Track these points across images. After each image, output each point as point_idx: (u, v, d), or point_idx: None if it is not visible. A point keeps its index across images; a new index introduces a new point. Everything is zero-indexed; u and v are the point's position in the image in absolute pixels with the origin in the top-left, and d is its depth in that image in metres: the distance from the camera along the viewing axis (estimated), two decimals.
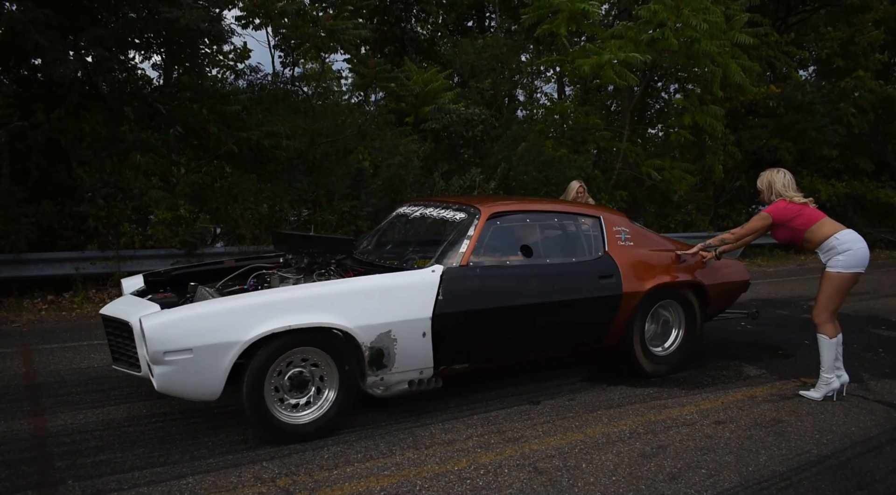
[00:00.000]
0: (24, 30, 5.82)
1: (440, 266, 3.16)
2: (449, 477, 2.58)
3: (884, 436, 3.11)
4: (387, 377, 3.00)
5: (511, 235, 3.53)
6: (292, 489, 2.45)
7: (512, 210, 3.58)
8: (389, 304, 2.98)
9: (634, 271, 3.71)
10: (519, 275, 3.36)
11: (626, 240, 3.84)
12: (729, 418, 3.30)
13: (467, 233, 3.32)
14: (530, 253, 3.50)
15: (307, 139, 8.09)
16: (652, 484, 2.56)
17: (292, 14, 7.00)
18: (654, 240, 4.06)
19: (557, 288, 3.43)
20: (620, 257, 3.71)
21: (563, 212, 3.84)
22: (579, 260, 3.64)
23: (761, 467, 2.74)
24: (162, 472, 2.57)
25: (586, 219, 3.82)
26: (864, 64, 12.51)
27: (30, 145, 6.43)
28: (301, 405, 2.86)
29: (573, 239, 3.75)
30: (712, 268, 4.08)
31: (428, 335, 3.03)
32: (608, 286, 3.59)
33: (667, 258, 3.93)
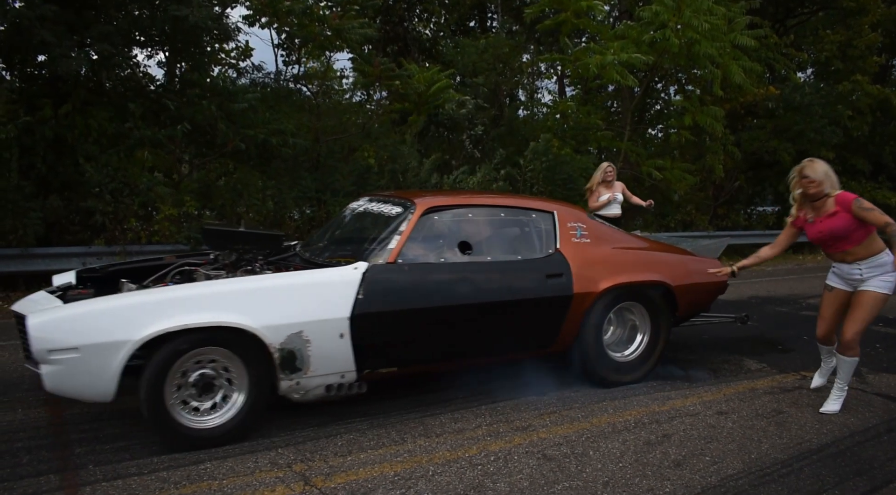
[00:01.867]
0: (30, 26, 5.86)
1: (364, 263, 2.96)
2: (461, 463, 2.65)
3: (881, 427, 3.19)
4: (303, 381, 2.81)
5: (449, 231, 3.29)
6: (308, 474, 2.52)
7: (452, 204, 3.35)
8: (301, 304, 2.79)
9: (588, 270, 3.44)
10: (452, 274, 3.14)
11: (581, 236, 3.56)
12: (731, 409, 3.38)
13: (399, 228, 3.12)
14: (470, 249, 3.26)
15: (312, 137, 8.16)
16: (658, 470, 2.64)
17: (299, 13, 7.07)
18: (617, 237, 3.82)
19: (497, 287, 3.19)
20: (573, 255, 3.45)
21: (511, 206, 3.58)
22: (525, 257, 3.39)
23: (763, 455, 2.81)
24: (180, 458, 2.64)
25: (538, 215, 3.55)
26: (861, 67, 12.61)
27: (37, 141, 6.48)
28: (207, 409, 2.71)
29: (521, 235, 3.50)
30: (681, 269, 3.81)
31: (347, 337, 2.84)
32: (556, 286, 3.33)
33: (630, 256, 3.67)
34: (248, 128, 7.05)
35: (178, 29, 6.75)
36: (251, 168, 7.71)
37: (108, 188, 6.52)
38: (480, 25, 15.55)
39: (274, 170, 7.84)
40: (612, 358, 3.65)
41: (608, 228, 3.87)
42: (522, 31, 13.51)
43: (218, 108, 6.70)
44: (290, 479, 2.47)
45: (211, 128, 7.01)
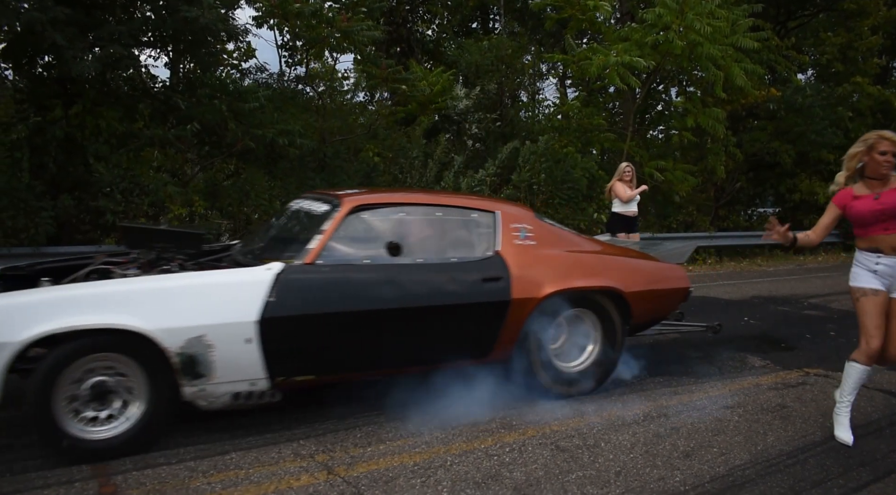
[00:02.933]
0: (42, 29, 5.95)
1: (279, 264, 2.80)
2: (477, 454, 2.74)
3: (884, 421, 3.29)
4: (209, 388, 2.65)
5: (378, 231, 3.12)
6: (330, 464, 2.61)
7: (382, 202, 3.19)
8: (204, 306, 2.63)
9: (530, 274, 3.22)
10: (377, 276, 2.94)
11: (525, 238, 3.35)
12: (736, 403, 3.47)
13: (321, 227, 2.96)
14: (399, 251, 3.06)
15: (318, 137, 8.26)
16: (668, 460, 2.73)
17: (308, 15, 7.17)
18: (568, 239, 3.60)
19: (426, 291, 2.99)
20: (514, 258, 3.24)
21: (448, 205, 3.34)
22: (460, 260, 3.18)
23: (769, 446, 2.90)
24: (206, 448, 2.72)
25: (478, 215, 3.34)
26: (862, 68, 12.73)
27: (47, 141, 6.58)
28: (103, 418, 2.55)
29: (457, 236, 3.30)
30: (636, 274, 3.60)
31: (255, 341, 2.67)
32: (493, 291, 3.12)
33: (579, 260, 3.47)
34: (257, 128, 7.15)
35: (187, 30, 6.85)
36: (258, 168, 7.81)
37: (119, 188, 6.62)
38: (483, 27, 15.66)
39: (280, 170, 7.94)
40: (560, 368, 3.40)
41: (558, 230, 3.63)
42: (525, 32, 13.61)
43: (228, 108, 6.80)
44: (314, 468, 2.56)
45: (220, 128, 7.10)
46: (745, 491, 2.47)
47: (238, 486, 2.41)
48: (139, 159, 7.25)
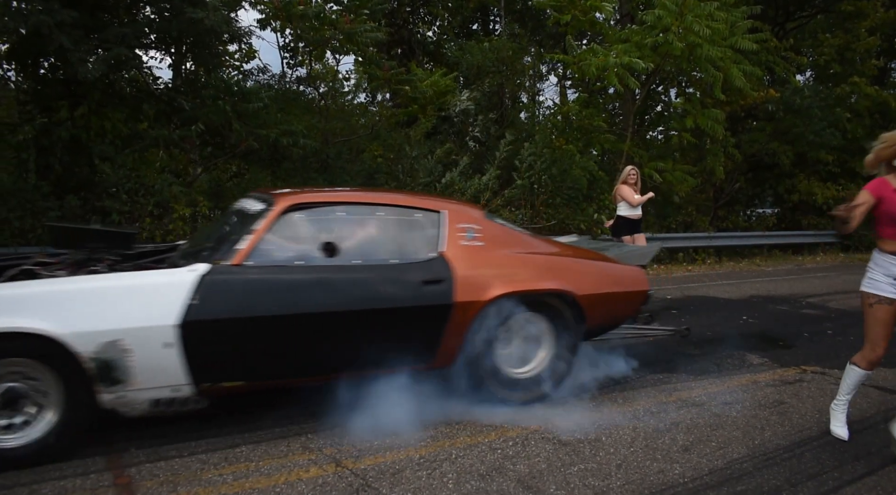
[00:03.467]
0: (49, 32, 6.02)
1: (205, 265, 2.69)
2: (481, 448, 2.81)
3: (878, 416, 3.36)
4: (129, 394, 2.57)
5: (314, 231, 2.99)
6: (338, 457, 2.68)
7: (319, 202, 3.06)
8: (119, 309, 2.53)
9: (476, 277, 3.10)
10: (309, 278, 2.83)
11: (472, 239, 3.23)
12: (735, 399, 3.54)
13: (252, 227, 2.86)
14: (334, 252, 2.95)
15: (320, 138, 8.33)
16: (667, 454, 2.80)
17: (312, 17, 7.25)
18: (520, 240, 3.46)
19: (360, 294, 2.88)
20: (459, 260, 3.12)
21: (390, 204, 3.21)
22: (400, 262, 3.06)
23: (766, 441, 2.97)
24: (216, 442, 2.79)
25: (422, 214, 3.21)
26: (860, 69, 12.82)
27: (53, 142, 6.64)
28: (15, 426, 2.46)
29: (398, 237, 3.16)
30: (591, 276, 3.47)
31: (176, 346, 2.57)
32: (434, 294, 3.00)
33: (529, 262, 3.33)
34: (261, 128, 7.22)
35: (192, 31, 6.92)
36: (261, 168, 7.89)
37: (124, 188, 6.68)
38: (483, 28, 15.74)
39: (284, 170, 8.01)
40: (508, 374, 3.26)
41: (509, 231, 3.49)
42: (525, 33, 13.69)
43: (232, 109, 6.87)
44: (322, 461, 2.63)
45: (224, 129, 7.17)
46: (742, 483, 2.54)
47: (249, 478, 2.48)
48: (144, 160, 7.32)
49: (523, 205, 9.35)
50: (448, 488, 2.44)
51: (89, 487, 2.38)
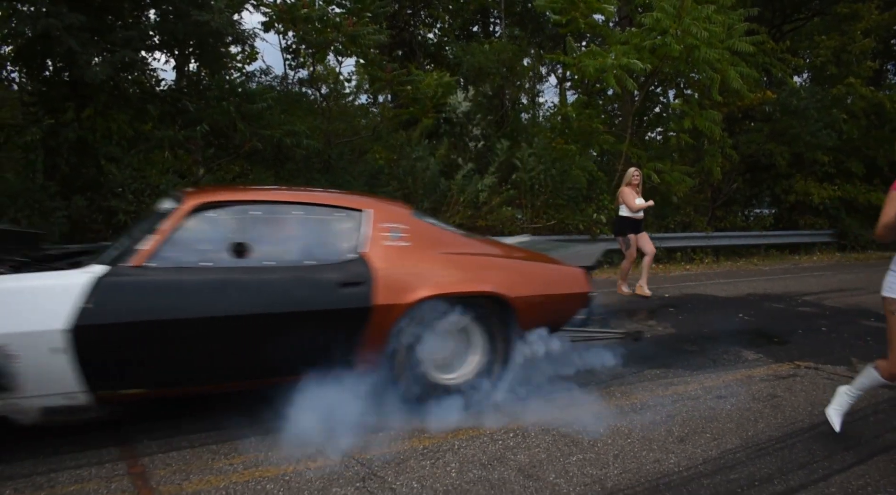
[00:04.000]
0: (59, 34, 6.11)
1: (102, 266, 2.57)
2: (483, 439, 2.90)
3: (868, 409, 3.45)
4: (20, 402, 2.46)
5: (225, 231, 2.87)
6: (345, 447, 2.76)
7: (231, 200, 2.93)
8: (6, 313, 2.41)
9: (399, 278, 2.98)
10: (215, 281, 2.70)
11: (397, 239, 3.11)
12: (729, 393, 3.63)
13: (157, 226, 2.74)
14: (245, 252, 2.83)
15: (323, 139, 8.43)
16: (663, 444, 2.89)
17: (316, 19, 7.35)
18: (450, 240, 3.34)
19: (271, 297, 2.75)
20: (381, 261, 3.00)
21: (308, 203, 3.07)
22: (316, 263, 2.93)
23: (759, 432, 3.07)
24: (226, 433, 2.88)
25: (342, 213, 3.09)
26: (856, 71, 12.93)
27: (60, 143, 6.73)
28: None
29: (315, 237, 3.04)
30: (525, 278, 3.34)
31: (65, 352, 2.44)
32: (352, 296, 2.87)
33: (459, 263, 3.20)
34: (265, 129, 7.32)
35: (197, 34, 7.01)
36: (265, 169, 7.99)
37: (130, 188, 6.78)
38: (483, 30, 15.84)
39: (287, 171, 8.11)
40: (436, 380, 3.13)
41: (439, 230, 3.36)
42: (525, 35, 13.79)
43: (236, 109, 6.97)
44: (329, 452, 2.71)
45: (228, 130, 7.27)
46: (735, 472, 2.64)
47: (258, 467, 2.57)
48: (149, 160, 7.42)
49: (523, 205, 9.44)
50: (451, 476, 2.53)
51: (105, 475, 2.47)
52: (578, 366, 3.86)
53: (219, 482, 2.44)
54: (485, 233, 8.50)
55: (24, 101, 7.67)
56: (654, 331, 5.25)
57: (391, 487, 2.43)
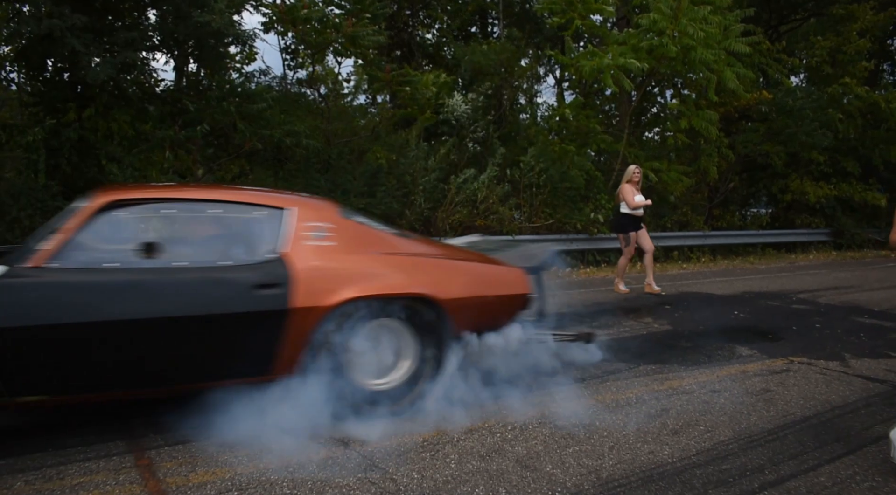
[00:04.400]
0: (62, 35, 6.17)
1: (2, 267, 2.48)
2: (481, 432, 2.97)
3: (860, 402, 3.52)
4: None
5: (134, 230, 2.78)
6: (346, 439, 2.83)
7: (143, 198, 2.83)
8: None
9: (320, 280, 2.85)
10: (121, 282, 2.58)
11: (322, 239, 2.97)
12: (723, 388, 3.70)
13: (61, 225, 2.63)
14: (156, 253, 2.71)
15: (322, 139, 8.50)
16: (657, 436, 2.96)
17: (315, 20, 7.41)
18: (380, 240, 3.21)
19: (181, 299, 2.63)
20: (302, 262, 2.86)
21: (225, 201, 2.95)
22: (232, 264, 2.81)
23: (752, 425, 3.14)
24: (234, 427, 2.94)
25: (262, 212, 2.95)
26: (851, 71, 13.03)
27: (62, 143, 6.79)
28: None
29: (232, 236, 2.94)
30: (457, 279, 3.22)
31: None
32: (267, 299, 2.75)
33: (387, 264, 3.07)
34: (265, 129, 7.39)
35: (197, 35, 7.08)
36: (265, 169, 8.05)
37: None
38: (482, 31, 15.92)
39: (287, 171, 8.18)
40: (364, 386, 2.99)
41: (368, 229, 3.24)
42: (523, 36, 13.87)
43: (237, 109, 7.04)
44: (331, 443, 2.78)
45: (228, 130, 7.34)
46: (727, 462, 2.70)
47: (262, 459, 2.63)
48: (150, 160, 7.48)
49: (521, 205, 9.51)
50: (451, 467, 2.60)
51: (112, 468, 2.53)
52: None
53: (224, 474, 2.50)
54: (483, 233, 8.57)
55: (22, 101, 7.73)
56: (650, 328, 5.33)
57: (392, 477, 2.49)
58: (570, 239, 9.60)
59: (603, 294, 7.17)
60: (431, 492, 2.39)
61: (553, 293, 4.34)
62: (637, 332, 5.15)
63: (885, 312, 6.27)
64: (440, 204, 8.57)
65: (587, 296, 7.03)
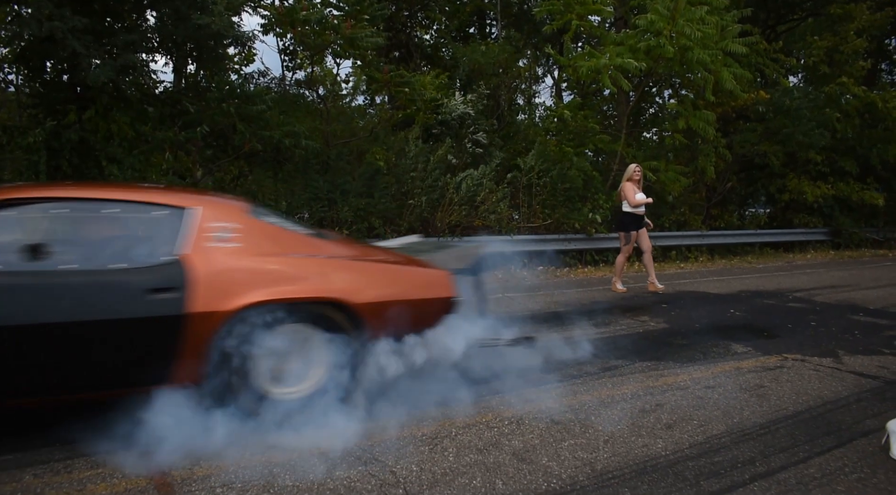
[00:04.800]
0: (63, 38, 6.23)
1: None
2: (479, 426, 3.03)
3: (852, 397, 3.58)
4: None
5: (20, 231, 2.66)
6: (350, 435, 2.88)
7: (29, 197, 2.72)
8: None
9: (220, 284, 2.72)
10: (4, 286, 2.48)
11: (226, 240, 2.83)
12: (718, 384, 3.76)
13: None
14: (40, 255, 2.57)
15: (322, 140, 8.56)
16: (651, 430, 3.02)
17: (314, 22, 7.48)
18: (292, 241, 3.06)
19: (67, 304, 2.51)
20: (203, 264, 2.73)
21: (120, 200, 2.82)
22: (126, 266, 2.67)
23: (744, 419, 3.20)
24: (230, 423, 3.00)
25: (161, 212, 2.82)
26: (848, 71, 13.09)
27: (63, 144, 6.85)
28: None
29: (129, 238, 2.83)
30: (373, 282, 3.08)
31: None
32: (162, 303, 2.62)
33: (295, 266, 2.92)
34: (265, 130, 7.45)
35: (197, 37, 7.14)
36: (264, 170, 8.11)
37: None
38: (480, 32, 15.99)
39: (286, 172, 8.23)
40: (273, 394, 2.87)
41: (279, 230, 3.08)
42: (521, 37, 13.95)
43: (236, 111, 7.10)
44: (333, 438, 2.83)
45: (227, 131, 7.39)
46: (719, 455, 2.76)
47: (265, 453, 2.68)
48: (150, 162, 7.53)
49: (520, 205, 9.57)
50: (449, 460, 2.65)
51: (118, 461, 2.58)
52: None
53: (228, 466, 2.56)
54: (481, 233, 8.63)
55: (20, 102, 7.78)
56: (646, 326, 5.38)
57: (392, 470, 2.55)
58: (568, 238, 9.67)
59: (601, 293, 7.23)
60: (430, 484, 2.44)
61: (492, 295, 4.27)
62: (633, 330, 5.21)
63: (880, 310, 6.33)
64: (439, 204, 8.63)
65: (585, 295, 7.09)
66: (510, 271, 8.65)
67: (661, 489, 2.44)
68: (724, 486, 2.48)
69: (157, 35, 7.22)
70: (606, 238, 9.96)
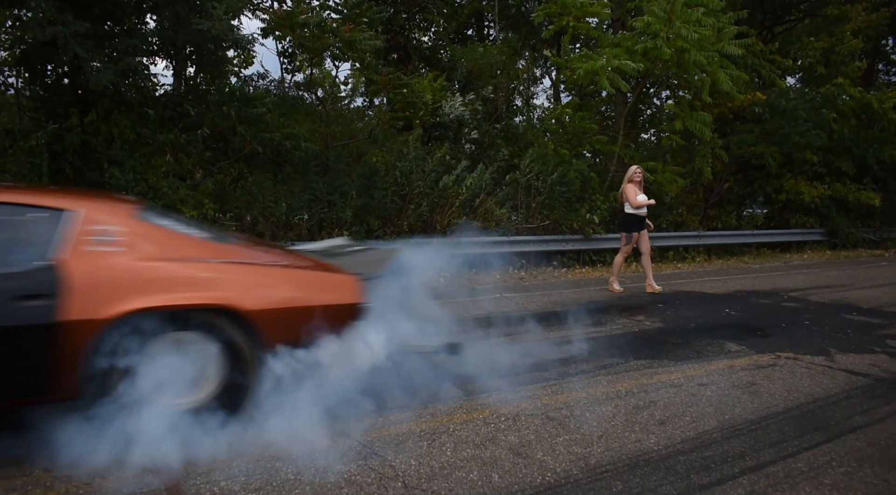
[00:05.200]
0: (66, 42, 6.30)
1: None
2: (476, 423, 3.10)
3: (842, 395, 3.65)
4: None
5: None
6: (347, 430, 2.95)
7: None
8: None
9: (98, 290, 2.59)
10: None
11: (107, 244, 2.70)
12: (711, 381, 3.83)
13: None
14: None
15: (321, 142, 8.63)
16: (645, 426, 3.09)
17: (313, 25, 7.55)
18: (183, 244, 2.91)
19: None
20: (81, 269, 2.59)
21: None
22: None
23: (736, 416, 3.26)
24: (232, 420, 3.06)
25: (40, 213, 2.69)
26: (845, 72, 13.17)
27: (65, 147, 6.92)
28: None
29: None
30: (269, 288, 2.95)
31: None
32: (31, 311, 2.49)
33: (182, 271, 2.78)
34: (264, 132, 7.52)
35: (196, 41, 7.21)
36: (264, 172, 8.17)
37: (133, 191, 6.95)
38: (478, 34, 16.07)
39: (286, 174, 8.30)
40: (163, 406, 2.71)
41: (171, 234, 2.94)
42: (519, 39, 14.04)
43: (236, 113, 7.16)
44: (334, 435, 2.90)
45: (228, 133, 7.46)
46: (710, 450, 2.83)
47: (269, 448, 2.75)
48: (151, 164, 7.60)
49: (518, 206, 9.65)
50: (446, 455, 2.72)
51: None
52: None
53: (231, 461, 2.62)
54: (480, 233, 8.70)
55: (20, 105, 7.84)
56: (642, 326, 5.45)
57: (391, 464, 2.62)
58: (565, 239, 9.74)
59: (598, 293, 7.30)
60: (428, 478, 2.51)
61: (425, 300, 4.04)
62: (629, 329, 5.28)
63: (874, 309, 6.41)
64: (437, 205, 8.70)
65: (582, 295, 7.16)
66: (509, 271, 8.73)
67: (652, 482, 2.51)
68: (714, 479, 2.55)
69: (157, 39, 7.29)
70: (604, 238, 10.04)
